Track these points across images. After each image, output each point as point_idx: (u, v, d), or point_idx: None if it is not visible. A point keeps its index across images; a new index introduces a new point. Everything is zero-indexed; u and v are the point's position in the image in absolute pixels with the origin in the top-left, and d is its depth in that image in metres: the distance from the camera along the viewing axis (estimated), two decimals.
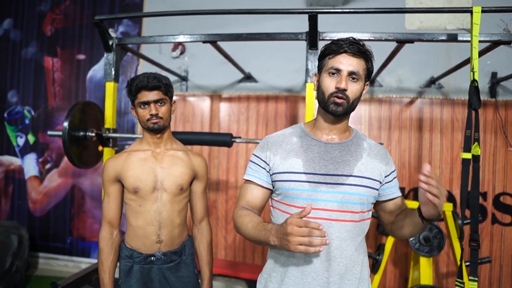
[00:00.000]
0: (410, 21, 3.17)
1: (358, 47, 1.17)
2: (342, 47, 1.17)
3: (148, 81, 1.55)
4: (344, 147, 1.25)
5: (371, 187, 1.22)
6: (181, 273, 1.68)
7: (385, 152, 1.32)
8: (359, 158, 1.24)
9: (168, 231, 1.62)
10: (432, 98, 3.14)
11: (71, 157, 2.29)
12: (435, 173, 3.08)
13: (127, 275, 1.63)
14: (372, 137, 3.20)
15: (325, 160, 1.22)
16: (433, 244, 2.44)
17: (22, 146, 4.01)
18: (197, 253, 1.77)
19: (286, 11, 1.99)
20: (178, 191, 1.64)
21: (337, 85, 1.17)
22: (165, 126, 1.63)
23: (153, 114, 1.57)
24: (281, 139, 1.30)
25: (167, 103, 1.63)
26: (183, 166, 1.67)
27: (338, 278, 1.18)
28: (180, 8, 3.52)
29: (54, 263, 3.87)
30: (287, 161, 1.24)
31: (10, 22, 4.06)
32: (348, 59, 1.17)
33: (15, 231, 3.22)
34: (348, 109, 1.20)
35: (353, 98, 1.19)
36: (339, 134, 1.27)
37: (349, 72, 1.17)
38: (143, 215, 1.60)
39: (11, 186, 4.03)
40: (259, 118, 3.43)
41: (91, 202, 3.82)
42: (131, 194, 1.60)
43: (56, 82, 3.95)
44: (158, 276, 1.63)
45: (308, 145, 1.26)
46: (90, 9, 3.87)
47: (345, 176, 1.20)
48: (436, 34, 2.03)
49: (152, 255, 1.62)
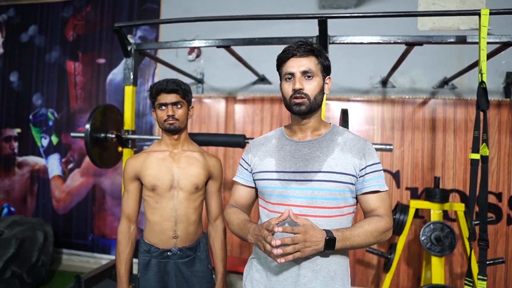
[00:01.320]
0: (423, 22, 3.18)
1: (304, 47, 1.25)
2: (290, 52, 1.26)
3: (167, 85, 1.67)
4: (314, 144, 1.30)
5: (343, 182, 1.23)
6: (196, 268, 1.77)
7: (363, 145, 1.29)
8: (330, 154, 1.26)
9: (183, 227, 1.72)
10: (445, 99, 3.15)
11: (92, 157, 2.40)
12: (448, 174, 3.09)
13: (145, 269, 1.73)
14: (385, 137, 3.23)
15: (295, 158, 1.28)
16: (444, 244, 2.45)
17: (46, 147, 4.19)
18: (212, 250, 1.86)
19: (296, 16, 2.05)
20: (193, 189, 1.73)
21: (293, 87, 1.24)
22: (180, 128, 1.73)
23: (170, 115, 1.68)
24: (262, 141, 1.41)
25: (184, 106, 1.73)
26: (198, 166, 1.76)
27: (309, 272, 1.22)
28: (196, 12, 3.64)
29: (77, 259, 4.03)
30: (263, 161, 1.34)
31: (35, 28, 4.25)
32: (298, 61, 1.25)
33: (41, 228, 3.37)
34: (311, 106, 1.25)
35: (313, 95, 1.25)
36: (310, 132, 1.33)
37: (301, 73, 1.24)
38: (160, 211, 1.70)
39: (36, 185, 4.21)
40: (273, 119, 3.50)
41: (111, 201, 3.96)
42: (149, 191, 1.71)
43: (77, 85, 4.11)
44: (174, 270, 1.73)
45: (282, 145, 1.34)
46: (109, 14, 4.01)
47: (314, 173, 1.24)
48: (445, 36, 2.06)
49: (168, 250, 1.71)
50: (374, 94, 3.28)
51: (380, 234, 1.21)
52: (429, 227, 2.49)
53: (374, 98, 3.28)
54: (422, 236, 2.49)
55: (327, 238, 1.11)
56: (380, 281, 3.19)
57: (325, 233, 1.11)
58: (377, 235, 1.20)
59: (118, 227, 1.77)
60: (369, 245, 1.22)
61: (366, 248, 2.82)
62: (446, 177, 3.12)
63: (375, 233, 1.20)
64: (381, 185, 1.26)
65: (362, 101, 3.30)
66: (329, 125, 1.38)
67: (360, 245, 1.19)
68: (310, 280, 1.22)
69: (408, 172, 3.21)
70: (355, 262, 3.27)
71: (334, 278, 1.25)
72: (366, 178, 1.26)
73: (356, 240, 1.17)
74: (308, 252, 1.09)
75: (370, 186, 1.26)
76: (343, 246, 1.14)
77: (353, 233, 1.17)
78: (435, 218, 2.54)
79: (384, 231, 1.22)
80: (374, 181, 1.26)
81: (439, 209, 2.55)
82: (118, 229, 1.76)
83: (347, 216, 1.28)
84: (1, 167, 4.33)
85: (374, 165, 1.27)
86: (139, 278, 1.75)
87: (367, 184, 1.26)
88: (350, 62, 3.30)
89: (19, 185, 4.26)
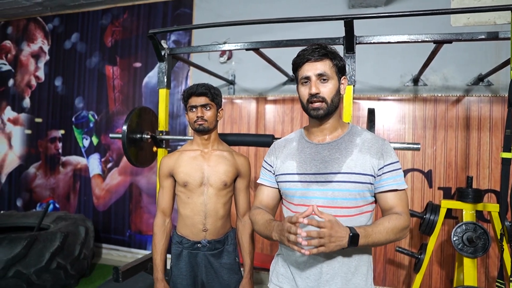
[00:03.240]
0: (456, 18, 3.11)
1: (318, 51, 1.28)
2: (304, 57, 1.30)
3: (197, 89, 1.79)
4: (333, 146, 1.33)
5: (362, 182, 1.26)
6: (224, 260, 1.87)
7: (381, 145, 1.31)
8: (349, 155, 1.29)
9: (212, 221, 1.82)
10: (480, 96, 3.06)
11: (129, 157, 2.52)
12: (484, 173, 3.01)
13: (177, 259, 1.86)
14: (416, 136, 3.19)
15: (315, 160, 1.32)
16: (477, 245, 2.39)
17: (87, 147, 4.43)
18: (240, 244, 1.95)
19: (322, 18, 2.08)
20: (222, 186, 1.83)
21: (309, 91, 1.28)
22: (209, 128, 1.83)
23: (199, 116, 1.79)
24: (283, 144, 1.47)
25: (213, 108, 1.83)
26: (227, 164, 1.86)
27: (331, 269, 1.26)
28: (226, 15, 3.74)
29: (115, 254, 4.24)
30: (284, 164, 1.39)
31: (77, 36, 4.52)
32: (312, 65, 1.28)
33: (83, 223, 3.58)
34: (329, 109, 1.29)
35: (330, 97, 1.29)
36: (329, 134, 1.36)
37: (316, 76, 1.28)
38: (191, 206, 1.82)
39: (78, 183, 4.47)
40: (303, 119, 3.53)
41: (147, 199, 4.14)
42: (181, 187, 1.83)
43: (116, 88, 4.32)
44: (204, 261, 1.83)
45: (302, 148, 1.39)
46: (145, 20, 4.19)
47: (333, 174, 1.27)
48: (476, 33, 2.02)
49: (198, 242, 1.82)
50: (405, 93, 3.24)
51: (399, 231, 1.23)
52: (461, 228, 2.44)
53: (405, 97, 3.24)
54: (453, 236, 2.44)
55: (351, 235, 1.13)
56: (411, 282, 3.15)
57: (348, 230, 1.14)
58: (396, 232, 1.22)
59: (154, 220, 1.90)
60: (389, 242, 1.24)
61: (396, 248, 2.81)
62: (481, 176, 3.04)
63: (395, 230, 1.21)
64: (399, 183, 1.28)
65: (392, 100, 3.27)
66: (348, 125, 1.41)
67: (381, 241, 1.21)
68: (332, 277, 1.26)
69: (441, 172, 3.15)
70: (386, 262, 3.25)
71: (355, 273, 1.28)
72: (384, 177, 1.28)
73: (377, 237, 1.19)
74: (332, 247, 1.12)
75: (388, 185, 1.28)
76: (365, 242, 1.16)
77: (375, 230, 1.19)
78: (468, 219, 2.49)
79: (402, 229, 1.24)
80: (392, 180, 1.28)
81: (472, 210, 2.50)
82: (154, 222, 1.90)
83: (366, 214, 1.31)
84: (47, 166, 4.63)
85: (392, 164, 1.29)
86: (172, 267, 1.88)
87: (385, 183, 1.28)
88: (380, 61, 3.28)
89: (63, 183, 4.54)
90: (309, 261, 1.29)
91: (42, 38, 4.70)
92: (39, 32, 4.72)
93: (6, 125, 4.87)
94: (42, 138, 4.68)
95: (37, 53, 4.71)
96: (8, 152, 4.85)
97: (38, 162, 4.69)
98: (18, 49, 4.82)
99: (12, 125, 4.85)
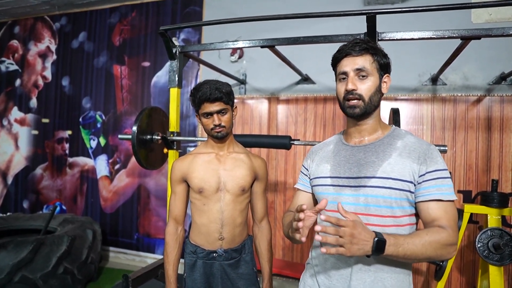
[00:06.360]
0: (477, 14, 2.99)
1: (359, 46, 1.19)
2: (344, 51, 1.21)
3: (211, 93, 1.60)
4: (370, 149, 1.23)
5: (399, 189, 1.13)
6: (241, 270, 1.75)
7: (426, 150, 1.17)
8: (386, 159, 1.18)
9: (229, 229, 1.70)
10: (502, 96, 2.94)
11: (139, 159, 2.43)
12: (506, 176, 2.89)
13: (191, 269, 1.74)
14: (434, 138, 3.07)
15: (350, 164, 1.23)
16: (504, 252, 2.27)
17: (95, 148, 4.36)
18: (257, 251, 1.84)
19: (343, 13, 1.97)
20: (240, 192, 1.71)
21: (345, 87, 1.20)
22: (228, 133, 1.71)
23: (216, 124, 1.64)
24: (320, 147, 1.39)
25: (229, 111, 1.69)
26: (244, 168, 1.74)
27: (361, 284, 1.15)
28: (238, 13, 3.64)
29: (123, 257, 4.16)
30: (319, 167, 1.31)
31: (84, 35, 4.45)
32: (352, 60, 1.20)
33: (90, 226, 3.50)
34: (366, 108, 1.20)
35: (368, 95, 1.19)
36: (368, 136, 1.26)
37: (355, 72, 1.19)
38: (207, 213, 1.70)
39: (85, 184, 4.40)
40: (316, 119, 3.43)
41: (155, 201, 4.05)
42: (196, 193, 1.70)
43: (124, 88, 4.25)
44: (220, 272, 1.72)
45: (338, 150, 1.30)
46: (154, 18, 4.11)
47: (367, 178, 1.17)
48: (507, 28, 1.91)
49: (214, 251, 1.71)
50: (423, 92, 3.13)
51: (441, 247, 1.07)
52: (486, 234, 2.32)
53: (423, 97, 3.12)
54: (478, 243, 2.32)
55: (376, 239, 1.00)
56: None
57: (374, 234, 1.02)
58: (436, 247, 1.06)
59: (165, 229, 1.78)
60: (427, 258, 1.08)
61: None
62: (503, 179, 2.91)
63: (435, 244, 1.06)
64: (444, 193, 1.12)
65: (410, 100, 3.16)
66: (390, 127, 1.30)
67: (416, 255, 1.06)
68: None
69: (461, 174, 3.03)
70: None
71: None
72: (425, 185, 1.13)
73: (410, 248, 1.04)
74: (354, 251, 0.99)
75: (430, 194, 1.12)
76: (394, 252, 1.03)
77: (408, 241, 1.05)
78: (493, 224, 2.37)
79: (446, 244, 1.07)
80: (435, 189, 1.12)
81: (497, 215, 2.38)
82: (165, 230, 1.78)
83: (405, 228, 1.17)
84: (54, 167, 4.57)
85: (436, 171, 1.13)
86: (185, 278, 1.76)
87: (426, 192, 1.13)
88: (397, 59, 3.11)
89: (70, 185, 4.47)
90: (338, 271, 1.19)
91: (49, 37, 4.64)
92: (46, 31, 4.66)
93: (13, 125, 4.82)
94: (49, 138, 4.62)
95: (44, 53, 4.65)
96: (15, 153, 4.80)
97: (45, 163, 4.63)
98: (25, 48, 4.77)
99: (19, 125, 4.79)
